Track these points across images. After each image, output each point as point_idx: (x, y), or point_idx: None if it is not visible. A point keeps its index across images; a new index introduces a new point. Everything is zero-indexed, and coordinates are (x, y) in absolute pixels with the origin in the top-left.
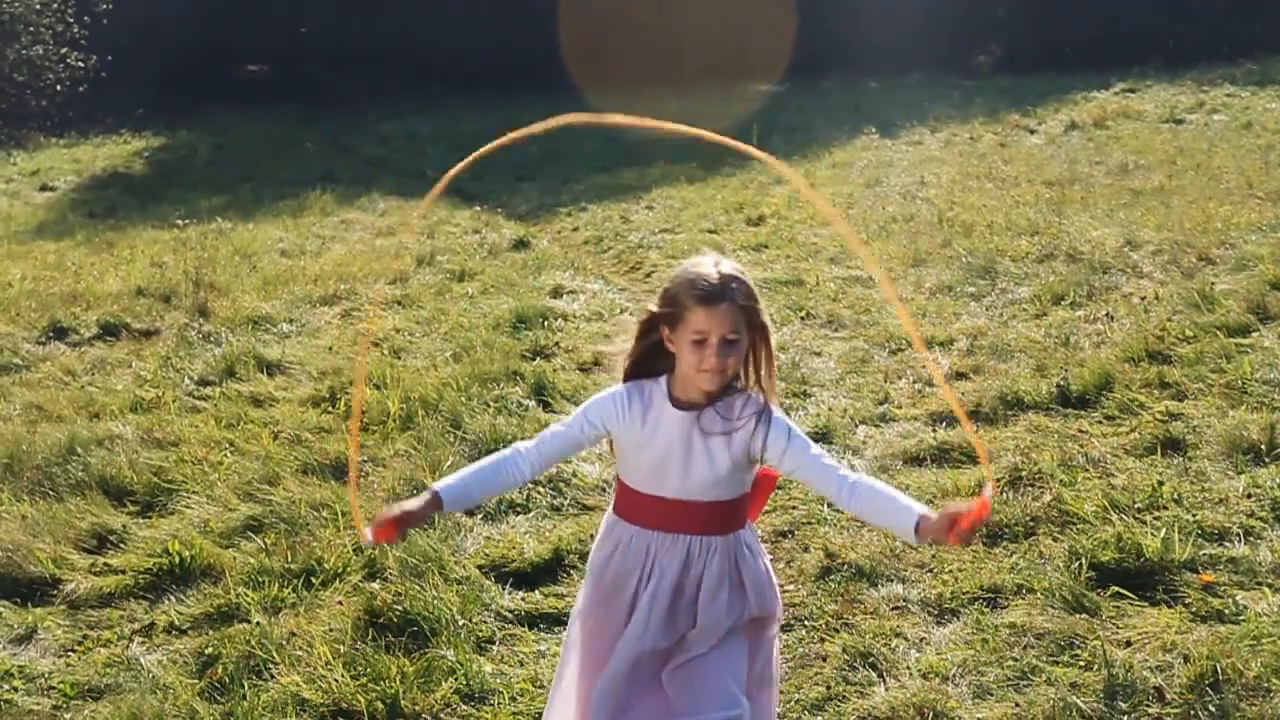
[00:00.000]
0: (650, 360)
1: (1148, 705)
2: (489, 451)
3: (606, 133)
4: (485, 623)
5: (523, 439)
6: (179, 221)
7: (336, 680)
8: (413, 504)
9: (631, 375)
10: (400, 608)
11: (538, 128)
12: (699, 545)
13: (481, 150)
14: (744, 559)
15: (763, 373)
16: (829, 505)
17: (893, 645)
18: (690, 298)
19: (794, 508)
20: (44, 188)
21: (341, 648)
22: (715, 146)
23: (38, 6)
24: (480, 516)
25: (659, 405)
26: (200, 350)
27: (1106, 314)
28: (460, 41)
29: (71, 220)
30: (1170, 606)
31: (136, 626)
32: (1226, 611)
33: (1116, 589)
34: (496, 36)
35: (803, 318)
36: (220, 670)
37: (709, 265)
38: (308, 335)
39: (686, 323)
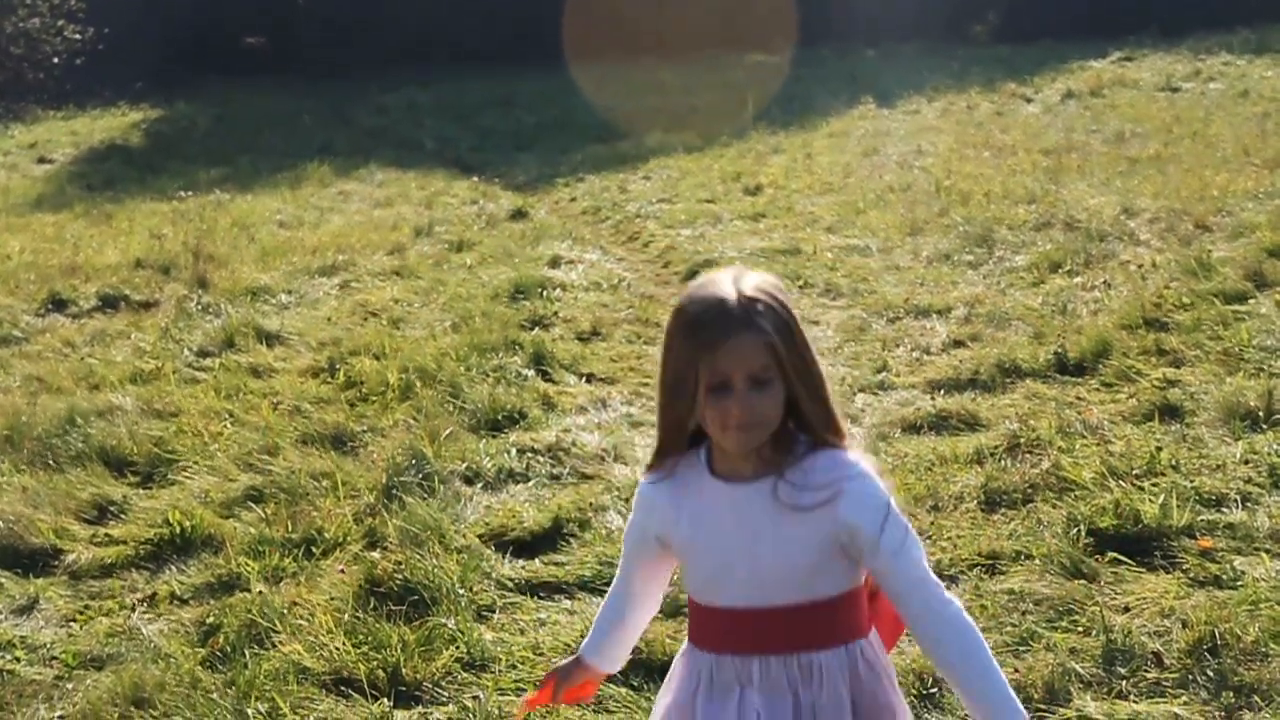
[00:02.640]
0: (677, 439)
1: (1146, 670)
2: (488, 421)
3: (604, 103)
4: (485, 591)
5: (522, 409)
6: (178, 193)
7: (337, 649)
8: (562, 662)
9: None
10: (401, 577)
11: None
12: (798, 668)
13: None
14: (863, 681)
15: (812, 419)
16: None
17: None
18: (697, 333)
19: None
20: (42, 160)
21: (342, 616)
22: (712, 117)
23: None
24: (480, 486)
25: (696, 482)
26: (199, 321)
27: (1104, 281)
28: (460, 12)
29: (70, 193)
30: (1168, 572)
31: (138, 596)
32: (1224, 577)
33: (1115, 555)
34: (495, 7)
35: (801, 287)
36: (222, 639)
37: (725, 284)
38: (307, 306)
39: (698, 367)
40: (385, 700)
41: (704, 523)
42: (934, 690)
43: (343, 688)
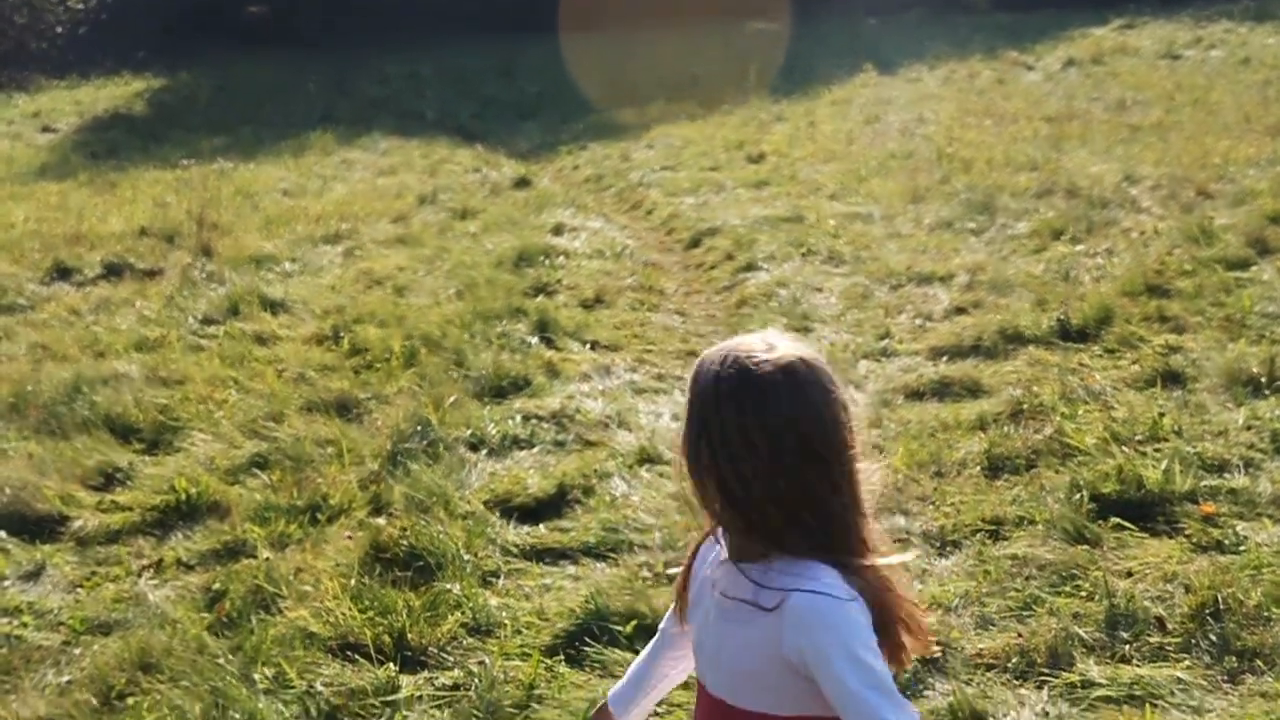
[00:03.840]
0: None
1: (1149, 634)
2: (493, 388)
3: (606, 72)
4: (490, 557)
5: (526, 376)
6: (181, 162)
7: (344, 614)
8: (591, 713)
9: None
10: (406, 542)
11: None
12: None
13: None
14: None
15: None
16: None
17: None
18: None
19: None
20: (46, 129)
21: (348, 582)
22: (714, 85)
23: None
24: (484, 452)
25: (710, 544)
26: (204, 289)
27: (1106, 248)
28: None
29: (74, 161)
30: (1171, 537)
31: (144, 563)
32: (1227, 542)
33: (1117, 520)
34: None
35: (804, 254)
36: (228, 605)
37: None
38: (310, 274)
39: None
40: (391, 665)
41: (704, 590)
42: (937, 656)
43: (349, 652)
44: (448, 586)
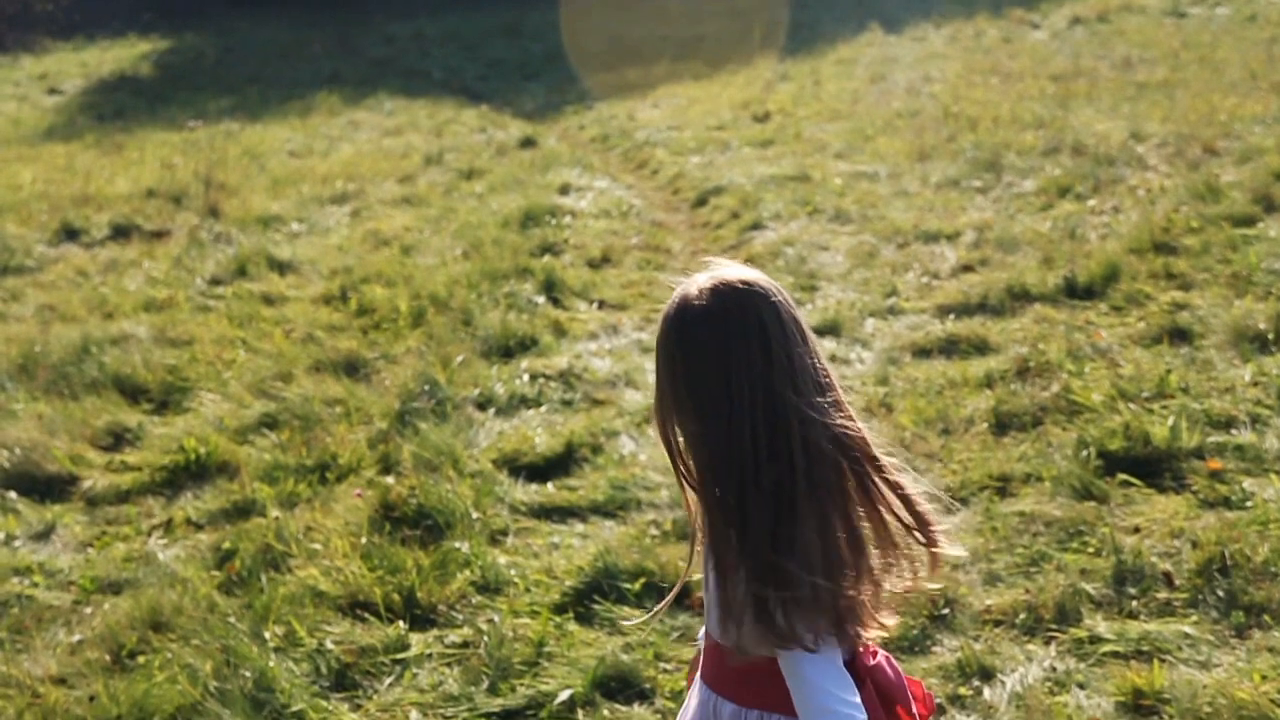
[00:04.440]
0: None
1: (1156, 590)
2: (500, 347)
3: (611, 32)
4: (499, 515)
5: (533, 335)
6: (188, 123)
7: (353, 572)
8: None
9: None
10: (415, 501)
11: None
12: (711, 705)
13: None
14: None
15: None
16: None
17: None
18: None
19: None
20: (52, 91)
21: (358, 541)
22: (719, 44)
23: None
24: (492, 411)
25: None
26: (211, 250)
27: (1112, 206)
28: None
29: (80, 123)
30: (1178, 493)
31: (154, 522)
32: (1234, 498)
33: (1125, 476)
34: None
35: (810, 213)
36: (238, 564)
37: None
38: (318, 234)
39: None
40: (401, 623)
41: None
42: (945, 612)
43: (358, 611)
44: (457, 545)
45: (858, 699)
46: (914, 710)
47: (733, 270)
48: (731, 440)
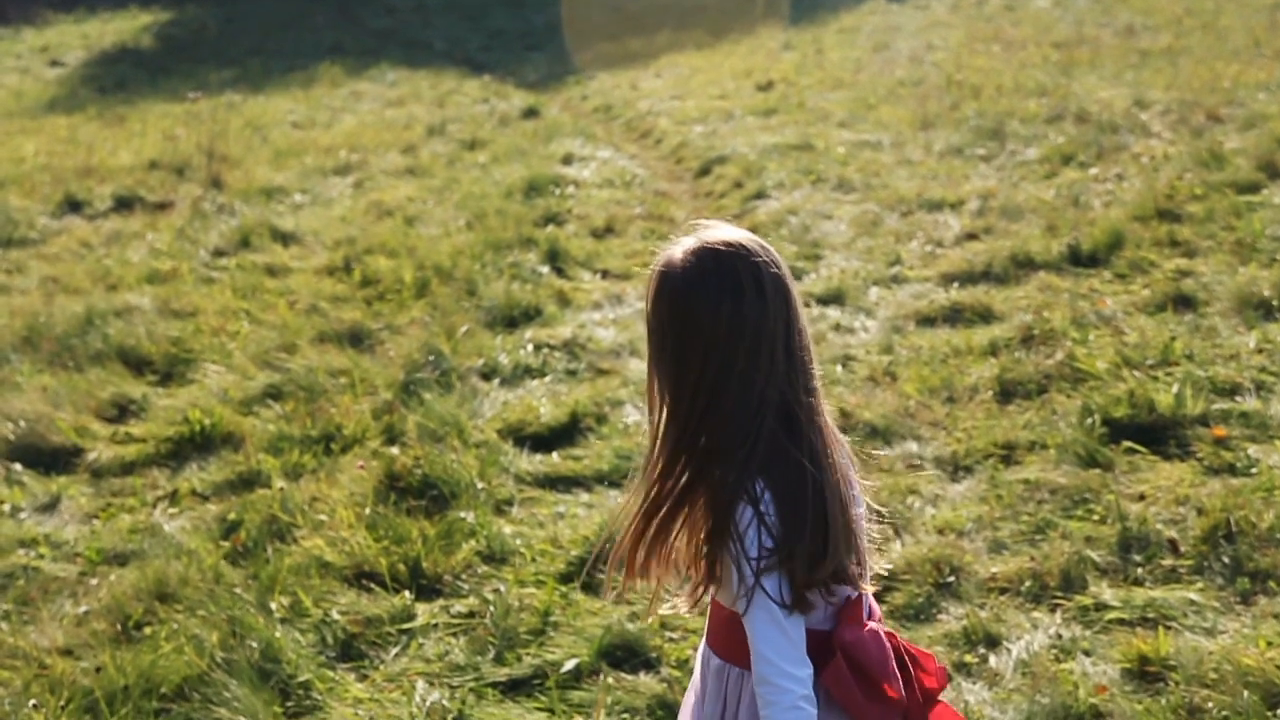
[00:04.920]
0: None
1: (1162, 557)
2: (504, 317)
3: (612, 2)
4: (504, 485)
5: (537, 305)
6: (190, 95)
7: (359, 543)
8: None
9: None
10: (420, 472)
11: None
12: (704, 655)
13: None
14: (716, 697)
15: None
16: (842, 364)
17: (908, 502)
18: None
19: None
20: (54, 63)
21: (363, 511)
22: (721, 13)
23: None
24: (497, 381)
25: None
26: (214, 221)
27: (1116, 174)
28: None
29: (82, 95)
30: (1183, 460)
31: (159, 494)
32: (1239, 465)
33: (1129, 444)
34: None
35: (813, 182)
36: (243, 535)
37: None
38: (321, 205)
39: None
40: (406, 593)
41: None
42: (950, 580)
43: (364, 581)
44: (462, 515)
45: (804, 672)
46: (899, 689)
47: (719, 232)
48: (695, 398)
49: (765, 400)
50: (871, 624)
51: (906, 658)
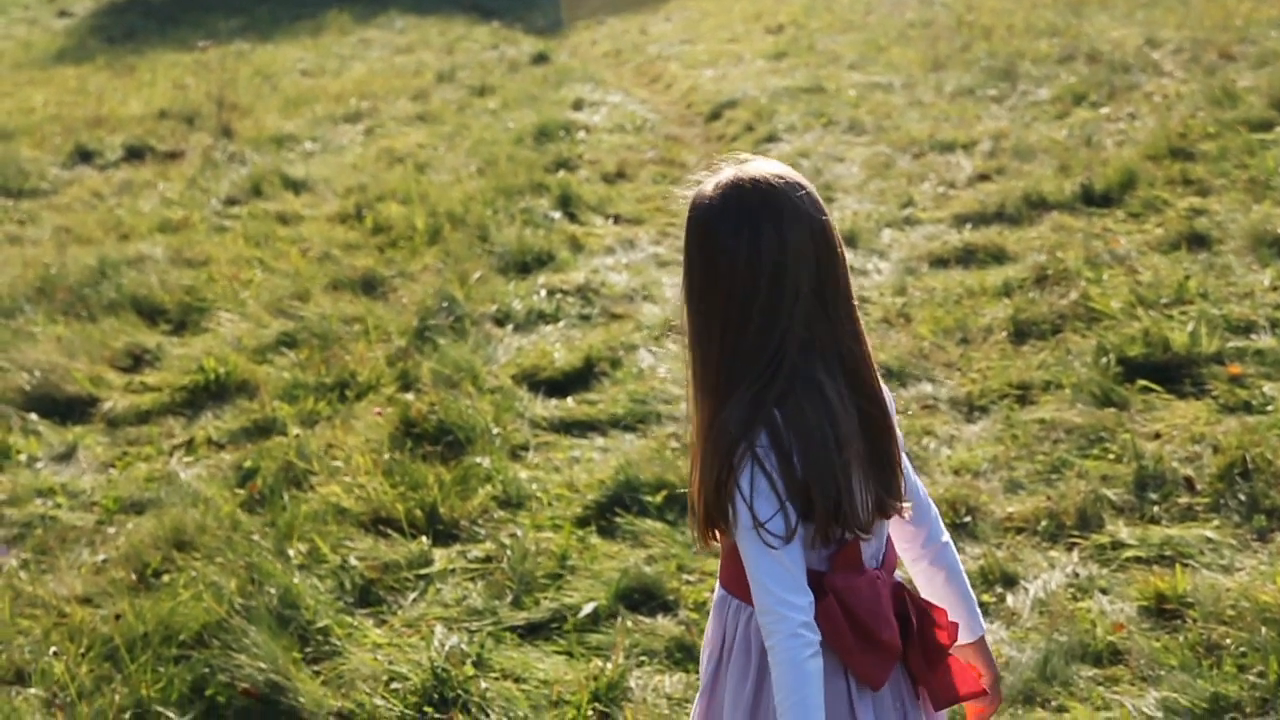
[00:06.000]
0: None
1: (1178, 495)
2: (517, 263)
3: None
4: (519, 430)
5: (550, 250)
6: (199, 44)
7: (375, 489)
8: None
9: None
10: (435, 418)
11: None
12: (717, 587)
13: None
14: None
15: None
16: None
17: (924, 443)
18: None
19: None
20: (62, 14)
21: (379, 457)
22: None
23: None
24: (511, 327)
25: None
26: (225, 170)
27: (1129, 113)
28: None
29: (91, 46)
30: (1198, 399)
31: (175, 442)
32: (1254, 402)
33: (1144, 383)
34: None
35: (824, 124)
36: (260, 482)
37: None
38: (332, 153)
39: None
40: (424, 538)
41: None
42: (967, 520)
43: (381, 527)
44: (478, 460)
45: (803, 599)
46: (894, 637)
47: (754, 165)
48: (717, 330)
49: (787, 340)
50: (877, 571)
51: (915, 610)
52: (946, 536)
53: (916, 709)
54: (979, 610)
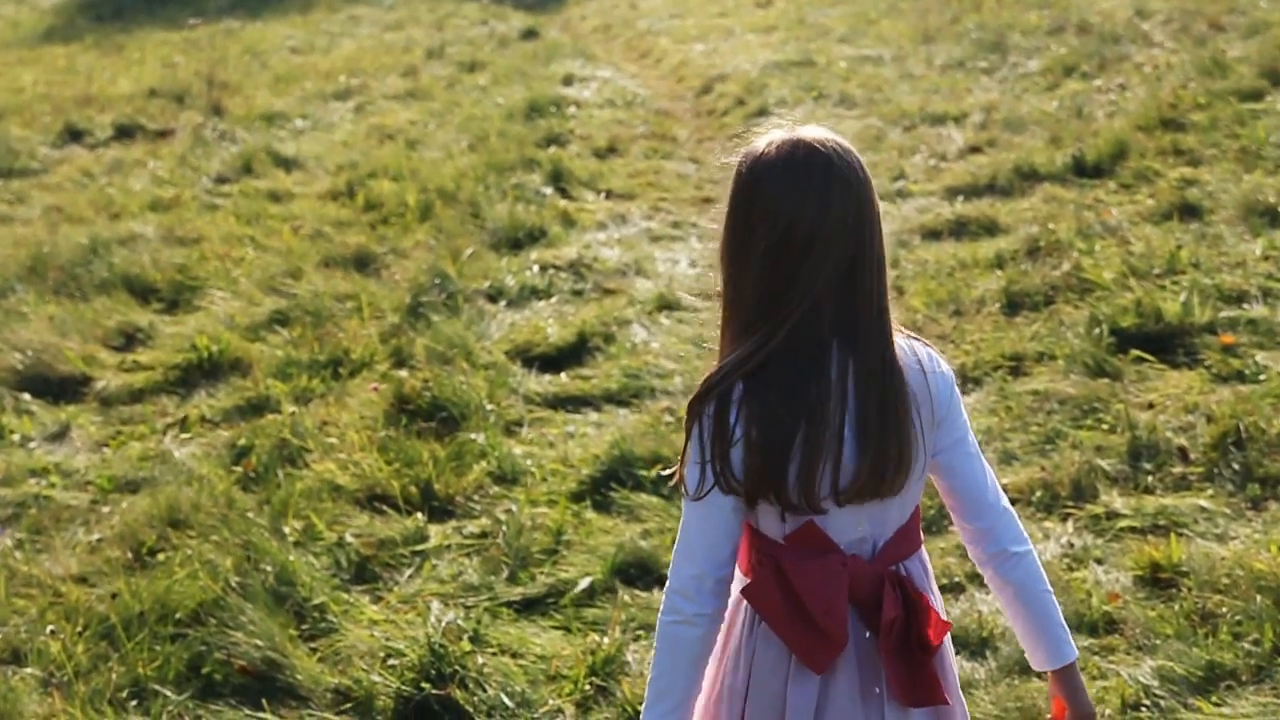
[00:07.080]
0: None
1: (1172, 465)
2: (509, 239)
3: None
4: (513, 406)
5: (542, 226)
6: (188, 22)
7: (370, 466)
8: None
9: None
10: (429, 394)
11: None
12: None
13: None
14: None
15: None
16: None
17: None
18: None
19: None
20: None
21: (373, 434)
22: None
23: None
24: (503, 303)
25: None
26: (216, 148)
27: (1119, 84)
28: None
29: (79, 24)
30: (1191, 368)
31: (169, 421)
32: (1247, 371)
33: (1138, 353)
34: None
35: (815, 98)
36: (254, 460)
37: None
38: (322, 130)
39: None
40: (419, 515)
41: None
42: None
43: (376, 504)
44: (472, 436)
45: (689, 569)
46: (837, 627)
47: (809, 131)
48: (742, 284)
49: (799, 306)
50: (849, 556)
51: (901, 602)
52: (1022, 546)
53: (900, 709)
54: (1065, 634)
